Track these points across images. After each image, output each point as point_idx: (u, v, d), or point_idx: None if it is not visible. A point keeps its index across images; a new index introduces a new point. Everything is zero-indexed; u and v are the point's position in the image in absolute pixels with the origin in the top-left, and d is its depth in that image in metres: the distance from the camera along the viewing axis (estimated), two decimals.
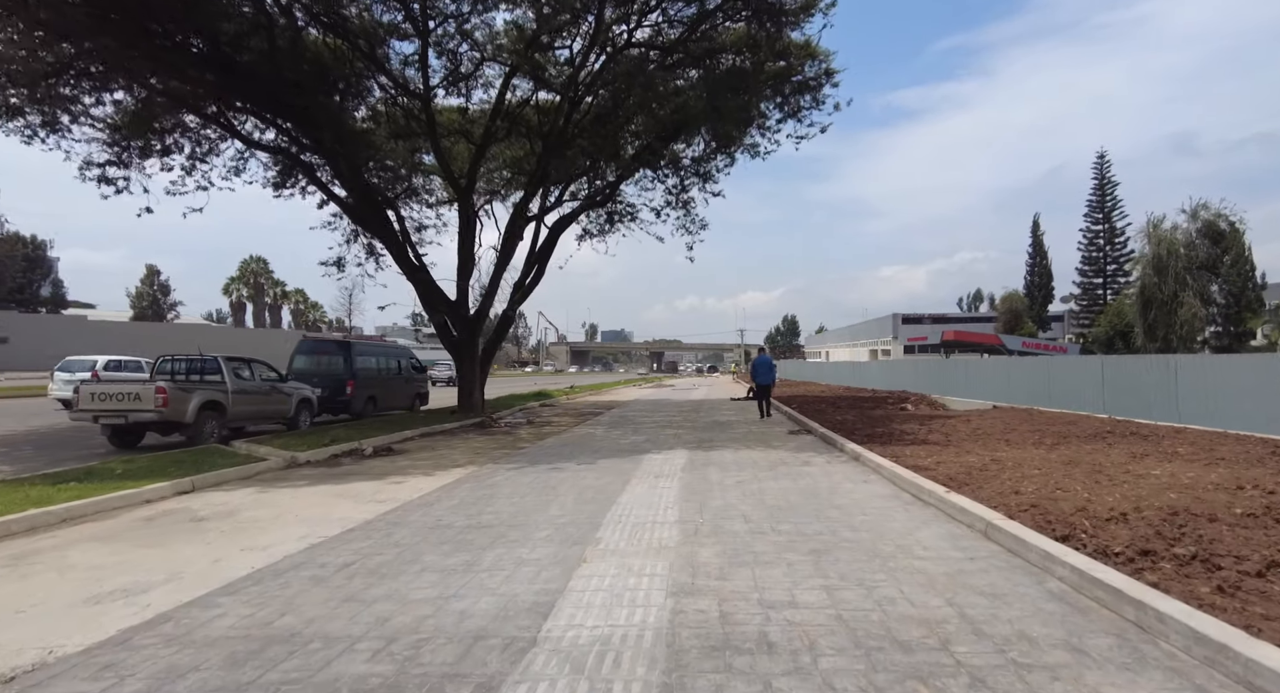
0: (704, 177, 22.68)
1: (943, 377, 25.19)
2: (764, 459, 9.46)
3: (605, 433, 13.83)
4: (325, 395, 17.05)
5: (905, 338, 54.33)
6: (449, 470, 9.14)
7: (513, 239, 16.66)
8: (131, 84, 15.26)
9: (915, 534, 5.15)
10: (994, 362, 21.63)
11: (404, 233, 17.10)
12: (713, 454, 10.08)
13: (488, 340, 19.17)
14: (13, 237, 58.45)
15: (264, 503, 7.09)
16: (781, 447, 10.92)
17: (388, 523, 5.96)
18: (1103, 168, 49.69)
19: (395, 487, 7.96)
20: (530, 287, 19.29)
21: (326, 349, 17.94)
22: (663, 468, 8.76)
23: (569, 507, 6.41)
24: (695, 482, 7.69)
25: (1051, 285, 55.32)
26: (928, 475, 7.14)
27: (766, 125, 20.04)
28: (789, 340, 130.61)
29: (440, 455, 10.75)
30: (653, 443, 11.81)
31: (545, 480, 8.00)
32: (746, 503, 6.43)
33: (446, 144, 16.12)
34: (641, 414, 19.11)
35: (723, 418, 17.33)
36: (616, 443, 11.97)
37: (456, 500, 6.96)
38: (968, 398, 21.88)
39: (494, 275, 16.88)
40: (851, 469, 8.48)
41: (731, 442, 11.76)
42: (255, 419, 14.02)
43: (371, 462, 10.26)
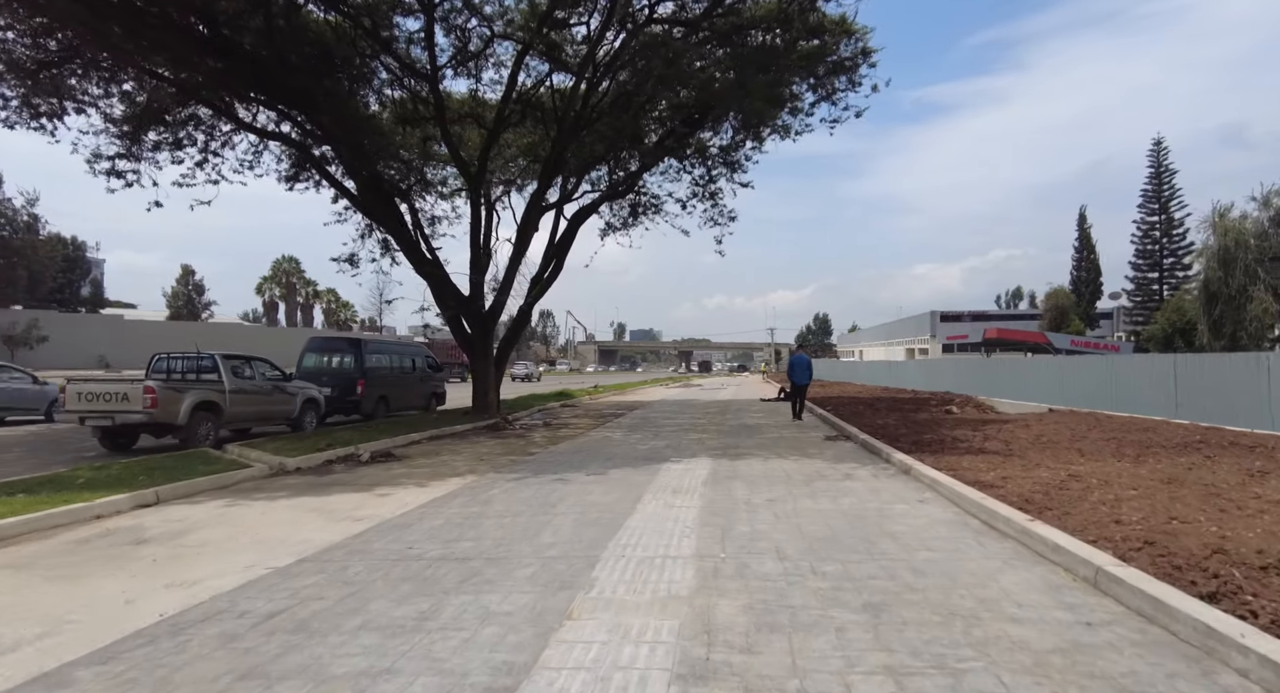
0: (732, 166, 21.52)
1: (988, 377, 23.61)
2: (799, 471, 8.32)
3: (623, 437, 12.81)
4: (334, 395, 16.37)
5: (944, 336, 52.25)
6: (445, 481, 8.20)
7: (528, 230, 15.73)
8: (142, 75, 14.74)
9: (999, 581, 4.00)
10: (1045, 361, 20.08)
11: (416, 225, 16.32)
12: (740, 465, 8.98)
13: (503, 338, 18.31)
14: (53, 238, 59.77)
15: (226, 520, 6.22)
16: (818, 456, 9.76)
17: (349, 551, 5.01)
18: (1159, 155, 46.88)
19: (380, 501, 7.05)
20: (548, 282, 18.36)
21: (336, 347, 17.26)
22: (682, 481, 7.68)
23: (565, 532, 5.39)
24: (718, 500, 6.61)
25: (1100, 281, 52.57)
26: (996, 495, 5.95)
27: (799, 107, 18.79)
28: (820, 339, 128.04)
29: (441, 462, 9.84)
30: (674, 450, 10.74)
31: (546, 496, 6.99)
32: (780, 531, 5.32)
33: (456, 130, 15.27)
34: (664, 416, 18.04)
35: (751, 421, 16.17)
36: (634, 449, 10.94)
37: (440, 520, 5.99)
38: (1017, 400, 20.32)
39: (509, 269, 16.00)
40: (902, 485, 7.30)
41: (761, 449, 10.63)
42: (256, 421, 13.34)
43: (365, 470, 9.39)
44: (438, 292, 15.77)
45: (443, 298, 15.95)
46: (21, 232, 54.09)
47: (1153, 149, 47.06)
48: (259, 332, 68.48)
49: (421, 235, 16.61)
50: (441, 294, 15.79)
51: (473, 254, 15.63)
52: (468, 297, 15.97)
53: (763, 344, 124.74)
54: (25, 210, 53.91)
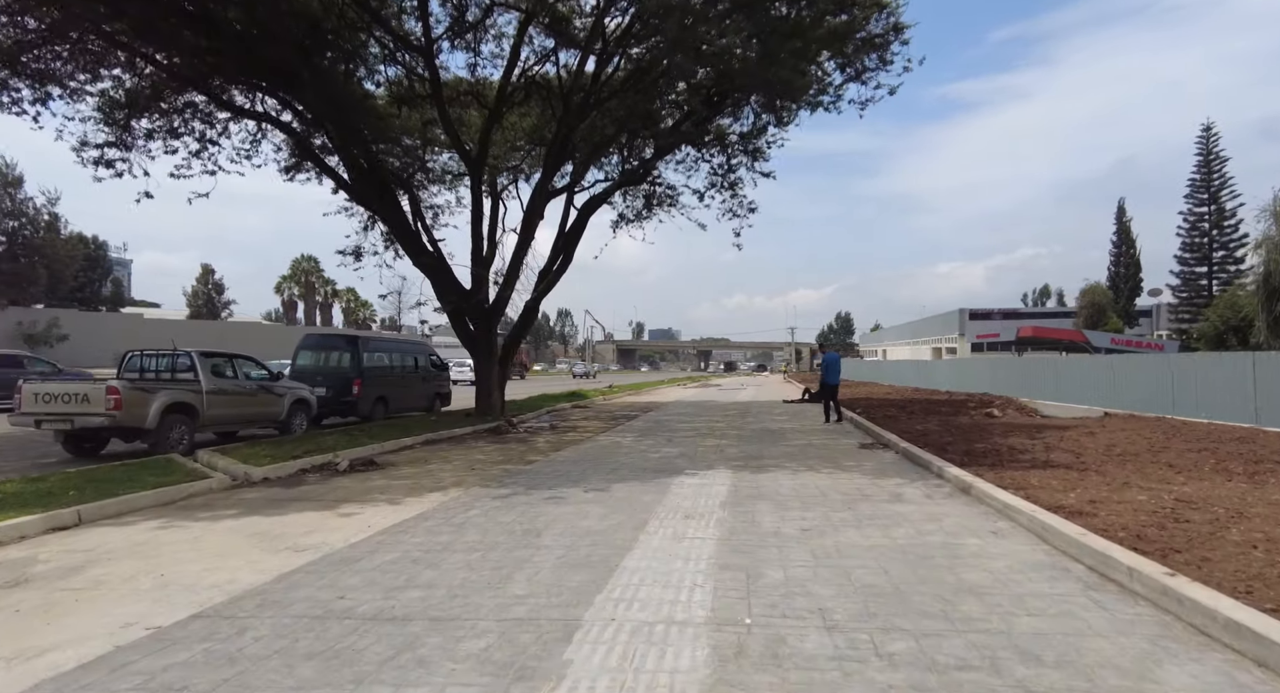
0: (753, 154, 20.25)
1: (1027, 377, 22.06)
2: (835, 488, 7.06)
3: (633, 443, 11.62)
4: (330, 396, 15.42)
5: (974, 335, 50.29)
6: (423, 497, 7.08)
7: (533, 218, 14.61)
8: (132, 58, 13.90)
9: (1161, 681, 2.74)
10: (1093, 360, 18.55)
11: (416, 214, 15.27)
12: (764, 479, 7.74)
13: (509, 335, 17.23)
14: (74, 238, 60.08)
15: (144, 549, 5.14)
16: (855, 468, 8.48)
17: (264, 601, 3.88)
18: (1209, 141, 44.34)
19: (339, 523, 5.94)
20: (557, 274, 17.24)
21: (332, 345, 16.29)
22: (696, 502, 6.46)
23: (544, 577, 4.21)
24: (740, 529, 5.38)
25: (1140, 277, 50.16)
26: (1094, 528, 4.67)
27: (826, 85, 17.43)
28: (843, 338, 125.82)
29: (426, 473, 8.74)
30: (688, 459, 9.53)
31: (533, 519, 5.82)
32: (822, 579, 4.09)
33: (456, 113, 14.21)
34: (680, 419, 16.82)
35: (775, 424, 14.89)
36: (644, 458, 9.74)
37: (395, 554, 4.85)
38: (1063, 402, 18.80)
39: (513, 260, 14.87)
40: (965, 509, 6.01)
41: (789, 459, 9.37)
42: (239, 423, 12.39)
43: (341, 481, 8.31)
44: (438, 285, 14.73)
45: (443, 292, 14.91)
46: (43, 231, 54.35)
47: (1201, 136, 44.57)
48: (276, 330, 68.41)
49: (422, 225, 15.58)
50: (442, 288, 14.75)
51: (474, 245, 14.55)
52: (469, 290, 14.90)
53: (782, 344, 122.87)
54: (46, 210, 54.18)
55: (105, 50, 14.01)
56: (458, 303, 14.53)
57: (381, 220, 13.52)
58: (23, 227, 52.94)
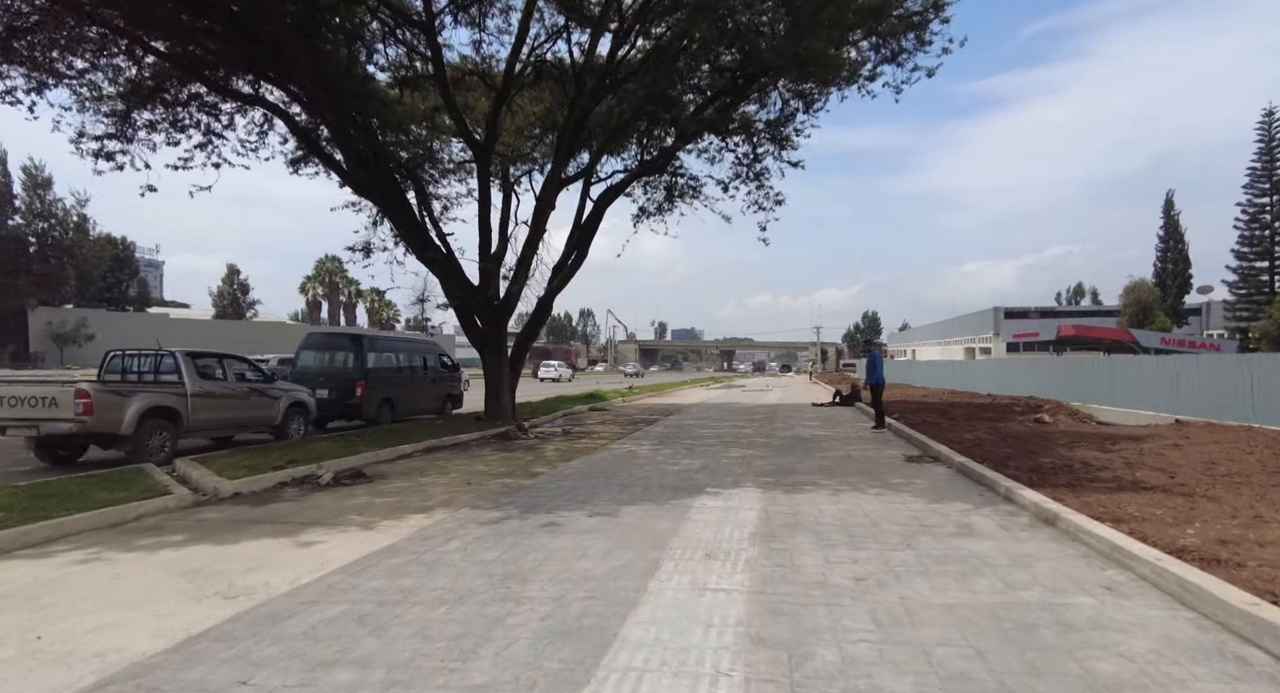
0: (780, 142, 19.05)
1: (1076, 379, 20.46)
2: (888, 515, 5.91)
3: (650, 453, 10.54)
4: (332, 398, 14.62)
5: (1009, 334, 48.24)
6: (401, 520, 6.09)
7: (545, 208, 13.61)
8: (132, 48, 13.25)
9: None
10: (1157, 362, 16.99)
11: (424, 205, 14.36)
12: (801, 501, 6.60)
13: (520, 333, 16.27)
14: (102, 239, 60.89)
15: (43, 594, 4.20)
16: (905, 487, 7.30)
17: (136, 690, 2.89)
18: (1270, 128, 41.65)
19: (293, 556, 4.97)
20: (572, 269, 16.23)
21: (335, 344, 15.47)
22: (720, 533, 5.36)
23: (517, 655, 3.15)
24: (776, 576, 4.27)
25: (1189, 273, 47.51)
26: (1254, 588, 3.49)
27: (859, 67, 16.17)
28: (869, 338, 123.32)
29: (416, 488, 7.77)
30: (710, 473, 8.42)
31: (520, 557, 4.78)
32: (892, 662, 2.98)
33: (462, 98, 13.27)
34: (703, 424, 15.70)
35: (806, 431, 13.70)
36: (660, 471, 8.65)
37: (339, 609, 3.84)
38: (1119, 407, 17.29)
39: (524, 253, 13.90)
40: (1056, 548, 4.82)
41: (826, 474, 8.21)
42: (230, 428, 11.58)
43: (319, 497, 7.37)
44: (444, 280, 13.82)
45: (450, 288, 14.00)
46: (72, 232, 55.05)
47: (1262, 122, 41.77)
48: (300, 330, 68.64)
49: (429, 218, 14.69)
50: (449, 283, 13.83)
51: (481, 237, 13.59)
52: (477, 286, 13.96)
53: (807, 343, 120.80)
54: (75, 211, 54.88)
55: (104, 37, 13.37)
56: (465, 299, 13.59)
57: (384, 212, 12.63)
58: (52, 228, 53.67)
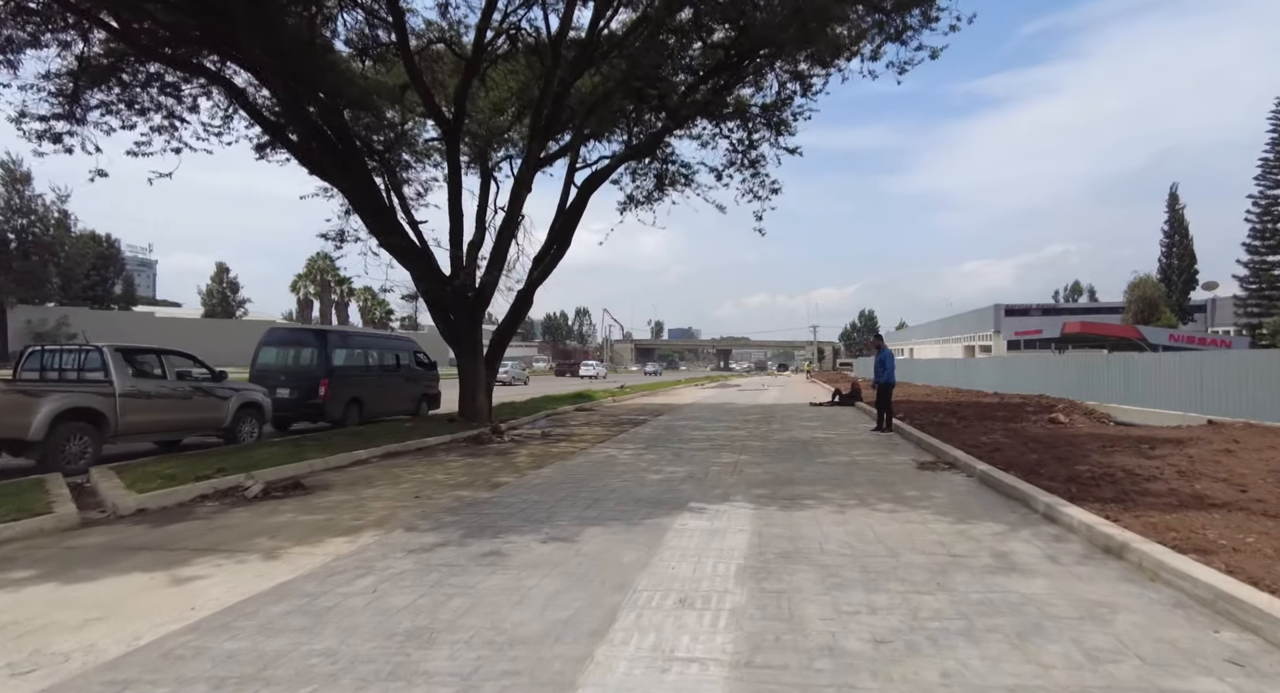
0: (777, 126, 18.02)
1: (1087, 377, 19.44)
2: (907, 540, 4.83)
3: (632, 459, 9.45)
4: (293, 398, 13.54)
5: (1011, 332, 47.23)
6: (317, 547, 5.01)
7: (521, 191, 12.52)
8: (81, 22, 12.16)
9: None
10: (1175, 359, 15.98)
11: (395, 188, 13.23)
12: (801, 520, 5.52)
13: (498, 328, 15.18)
14: (85, 236, 59.50)
15: None
16: (923, 501, 6.22)
17: None
18: None
19: (156, 599, 3.89)
20: (555, 258, 15.14)
21: (297, 341, 14.36)
22: (700, 568, 4.27)
23: None
24: (770, 637, 3.18)
25: (1194, 269, 46.46)
26: None
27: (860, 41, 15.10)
28: (866, 337, 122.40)
29: (354, 503, 6.68)
30: (697, 483, 7.34)
31: (438, 605, 3.68)
32: None
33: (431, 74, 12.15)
34: (694, 425, 14.62)
35: (805, 433, 12.63)
36: (640, 480, 7.56)
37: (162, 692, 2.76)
38: (1136, 405, 16.28)
39: (499, 239, 12.80)
40: (1132, 591, 3.73)
41: (830, 484, 7.14)
42: (170, 431, 10.45)
43: (235, 514, 6.29)
44: (413, 269, 12.72)
45: (421, 278, 12.91)
46: (52, 229, 53.68)
47: (1275, 111, 40.80)
48: None
49: (400, 202, 13.59)
50: (418, 273, 12.74)
51: (452, 223, 12.49)
52: (448, 276, 12.86)
53: (804, 342, 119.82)
54: (56, 207, 53.49)
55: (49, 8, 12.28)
56: (436, 290, 12.49)
57: (347, 197, 11.51)
58: (32, 224, 52.27)
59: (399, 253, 11.98)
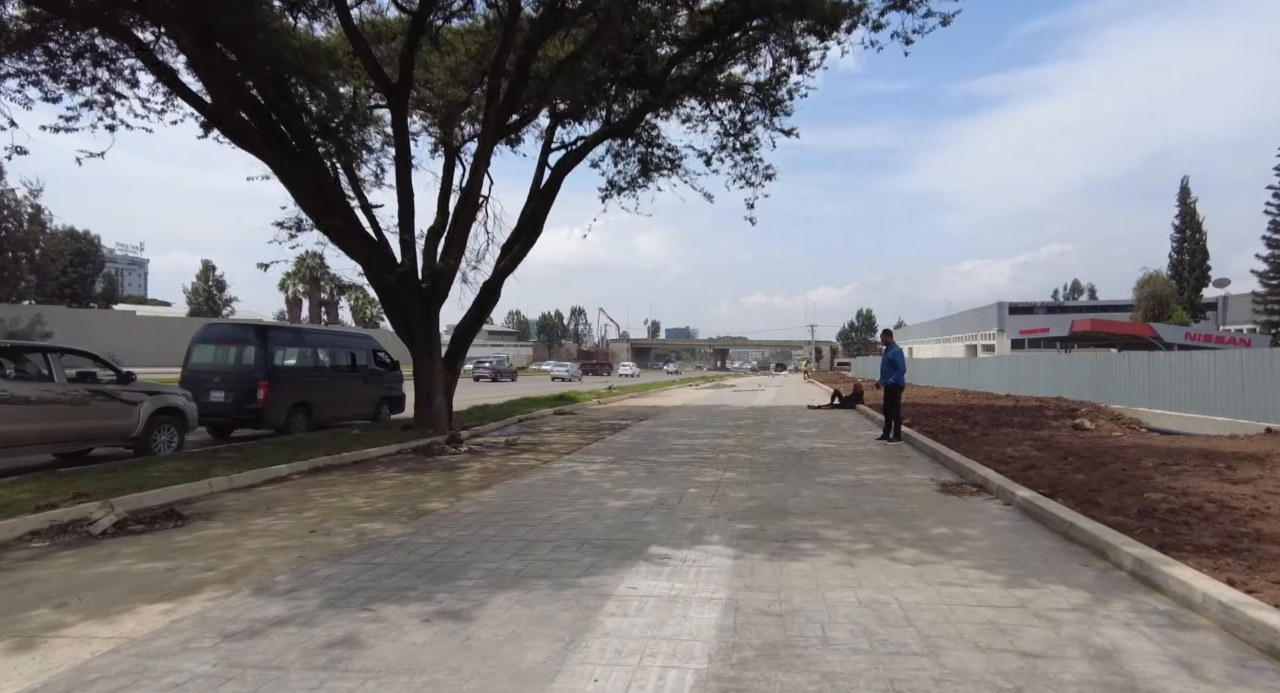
0: (771, 106, 16.58)
1: (1105, 377, 17.95)
2: (949, 623, 3.32)
3: (596, 476, 7.95)
4: (229, 403, 12.06)
5: (1016, 330, 45.79)
6: (108, 622, 3.53)
7: (481, 166, 11.01)
8: None
9: None
10: (1209, 358, 14.54)
11: (342, 166, 11.71)
12: (796, 578, 4.02)
13: (460, 323, 13.70)
14: (64, 232, 57.80)
15: None
16: (957, 545, 4.72)
17: None
18: None
19: None
20: (525, 246, 13.67)
21: (235, 337, 12.83)
22: (635, 686, 2.78)
23: None
24: None
25: (1207, 265, 44.99)
26: None
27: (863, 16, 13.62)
28: (864, 336, 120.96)
29: (224, 542, 5.19)
30: (665, 514, 5.83)
31: None
32: None
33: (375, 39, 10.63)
34: (678, 432, 13.13)
35: (802, 442, 11.14)
36: (595, 511, 6.04)
37: None
38: (1166, 409, 14.82)
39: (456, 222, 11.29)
40: None
41: (833, 517, 5.64)
42: (59, 442, 8.95)
43: (56, 559, 4.82)
44: (357, 255, 11.22)
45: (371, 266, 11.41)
46: (25, 224, 51.98)
47: None
48: None
49: (349, 178, 12.07)
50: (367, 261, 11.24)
51: (401, 202, 10.98)
52: (400, 264, 11.36)
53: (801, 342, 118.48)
54: (29, 202, 51.78)
55: None
56: (382, 279, 10.99)
57: (273, 169, 9.98)
58: (4, 219, 50.62)
59: (338, 237, 10.47)
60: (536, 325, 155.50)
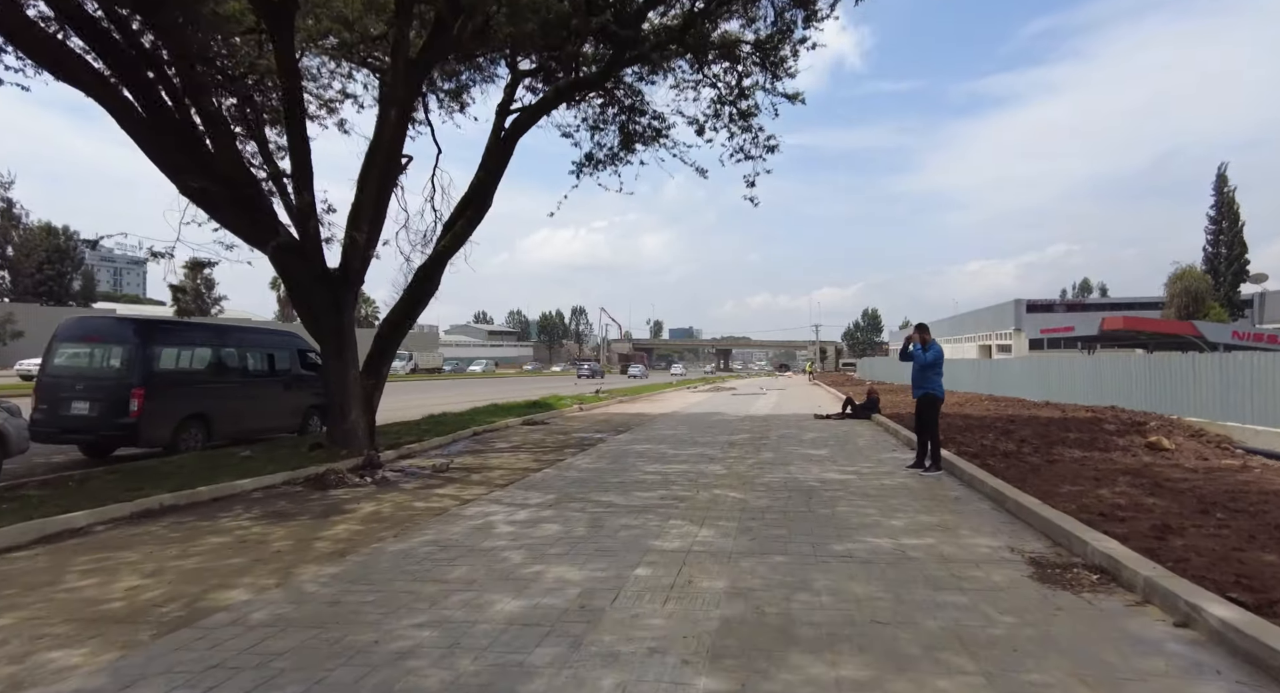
0: (772, 67, 14.14)
1: (1165, 384, 15.22)
2: None
3: (513, 535, 5.40)
4: (94, 416, 9.67)
5: (1036, 329, 43.05)
6: None
7: (389, 110, 8.50)
8: None
9: None
10: None
11: (198, 108, 9.12)
12: None
13: (389, 314, 11.26)
14: (40, 228, 55.64)
15: None
16: None
17: None
18: None
19: None
20: (470, 223, 11.21)
21: (103, 335, 10.35)
22: None
23: None
24: None
25: (1245, 258, 42.11)
26: None
27: None
28: (870, 336, 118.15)
29: None
30: (576, 640, 3.31)
31: None
32: None
33: None
34: (656, 451, 10.60)
35: (810, 470, 8.59)
36: (471, 617, 3.51)
37: None
38: (1266, 425, 12.18)
39: (363, 184, 8.81)
40: None
41: (875, 658, 3.14)
42: None
43: None
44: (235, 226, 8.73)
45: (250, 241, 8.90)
46: None
47: None
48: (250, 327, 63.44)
49: (254, 131, 9.61)
50: (246, 232, 8.73)
51: (292, 157, 8.49)
52: (298, 240, 8.88)
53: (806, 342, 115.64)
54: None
55: None
56: (276, 251, 8.50)
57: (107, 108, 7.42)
58: None
59: (203, 200, 7.98)
60: (537, 326, 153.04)
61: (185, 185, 7.85)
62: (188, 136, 8.10)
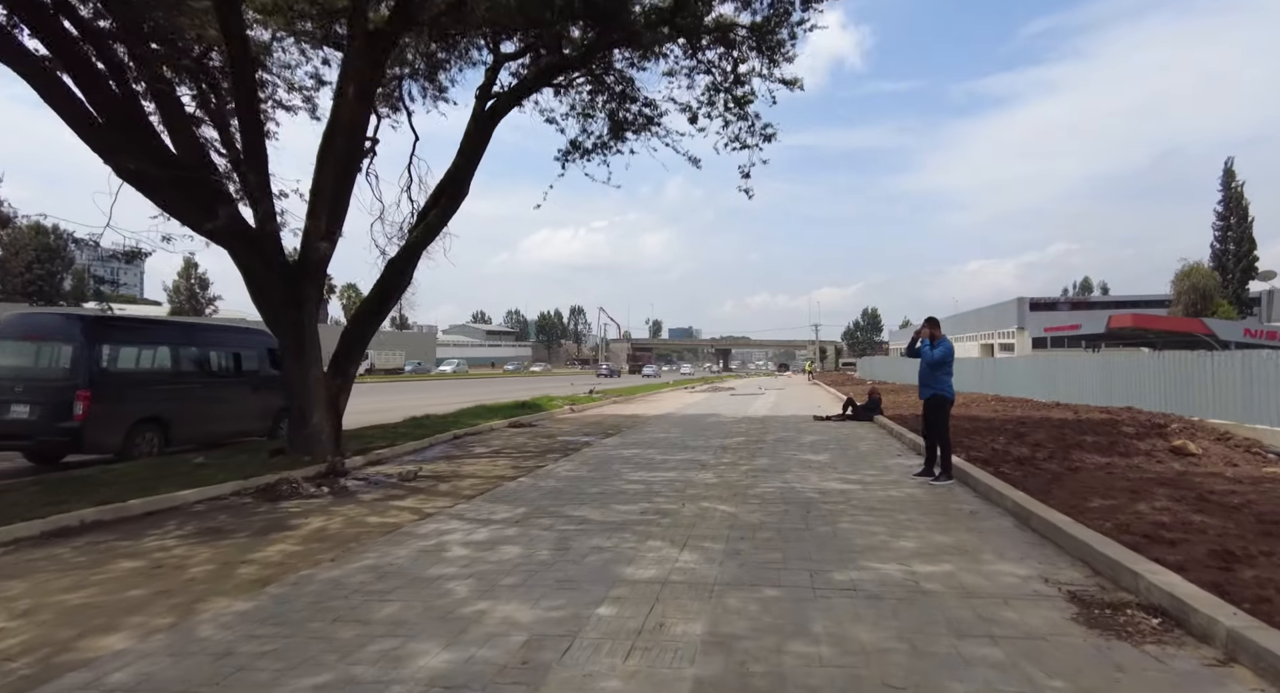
0: (769, 51, 13.45)
1: (1182, 383, 14.44)
2: None
3: (467, 560, 4.67)
4: (34, 420, 8.96)
5: (1040, 328, 42.29)
6: None
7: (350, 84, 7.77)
8: None
9: None
10: None
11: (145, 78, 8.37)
12: None
13: (357, 312, 10.54)
14: (29, 227, 54.81)
15: None
16: None
17: None
18: None
19: None
20: (445, 212, 10.47)
21: (47, 332, 9.63)
22: None
23: None
24: None
25: (1254, 255, 41.31)
26: None
27: None
28: (870, 336, 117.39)
29: None
30: None
31: None
32: None
33: None
34: (644, 457, 9.87)
35: (809, 478, 7.86)
36: (381, 680, 2.83)
37: None
38: None
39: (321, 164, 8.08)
40: None
41: None
42: None
43: None
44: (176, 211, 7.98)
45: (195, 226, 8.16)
46: None
47: None
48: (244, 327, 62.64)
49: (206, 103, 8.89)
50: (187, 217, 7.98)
51: (243, 134, 7.76)
52: (253, 227, 8.14)
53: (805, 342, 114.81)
54: None
55: None
56: (215, 236, 7.76)
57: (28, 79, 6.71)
58: None
59: (139, 182, 7.25)
60: (535, 325, 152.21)
61: (120, 166, 7.11)
62: (127, 115, 7.37)
